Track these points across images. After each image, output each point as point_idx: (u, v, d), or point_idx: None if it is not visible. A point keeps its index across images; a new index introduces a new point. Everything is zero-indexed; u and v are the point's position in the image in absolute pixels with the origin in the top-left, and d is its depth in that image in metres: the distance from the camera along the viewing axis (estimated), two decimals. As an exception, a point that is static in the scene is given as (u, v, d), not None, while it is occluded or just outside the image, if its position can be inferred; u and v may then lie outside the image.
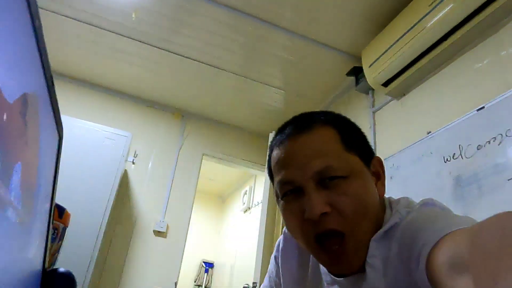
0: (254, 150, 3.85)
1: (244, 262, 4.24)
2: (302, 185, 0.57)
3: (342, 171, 0.56)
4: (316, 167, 0.56)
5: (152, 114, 3.67)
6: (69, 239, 2.20)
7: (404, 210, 0.59)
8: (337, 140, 0.59)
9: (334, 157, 0.57)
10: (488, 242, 0.33)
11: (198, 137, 3.75)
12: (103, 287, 2.96)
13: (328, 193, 0.56)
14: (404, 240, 0.51)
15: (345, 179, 0.56)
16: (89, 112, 3.38)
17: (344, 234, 0.55)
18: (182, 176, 3.53)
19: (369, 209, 0.57)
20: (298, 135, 0.59)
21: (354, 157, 0.59)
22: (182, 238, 3.33)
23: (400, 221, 0.56)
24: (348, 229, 0.55)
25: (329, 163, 0.56)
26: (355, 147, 0.60)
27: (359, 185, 0.57)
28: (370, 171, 0.62)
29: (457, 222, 0.45)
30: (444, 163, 1.91)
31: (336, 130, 0.60)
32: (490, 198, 1.63)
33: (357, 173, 0.58)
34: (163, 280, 3.08)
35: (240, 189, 5.06)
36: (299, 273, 0.72)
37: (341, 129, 0.61)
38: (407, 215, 0.57)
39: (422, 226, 0.49)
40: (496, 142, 1.67)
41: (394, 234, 0.55)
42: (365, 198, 0.57)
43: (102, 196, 2.70)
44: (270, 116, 3.66)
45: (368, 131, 2.65)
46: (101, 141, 2.86)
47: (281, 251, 0.77)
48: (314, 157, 0.57)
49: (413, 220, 0.54)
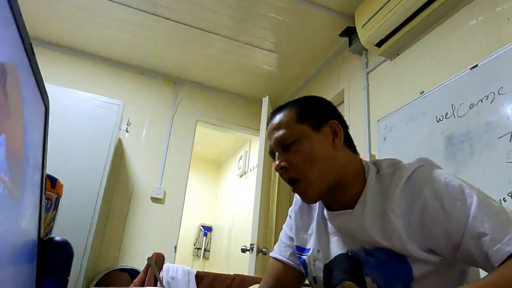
0: (248, 115, 3.84)
1: (241, 225, 4.34)
2: (275, 151, 0.88)
3: (292, 138, 0.85)
4: (276, 138, 0.87)
5: (143, 81, 3.61)
6: (67, 210, 2.23)
7: (391, 167, 0.83)
8: (292, 117, 0.87)
9: (286, 129, 0.86)
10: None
11: (191, 104, 3.72)
12: (104, 255, 3.03)
13: (287, 155, 0.85)
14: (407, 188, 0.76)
15: (296, 143, 0.84)
16: (80, 81, 3.32)
17: (298, 179, 0.83)
18: (176, 143, 3.53)
19: (316, 160, 0.83)
20: (271, 120, 0.91)
21: (304, 126, 0.86)
22: (180, 204, 3.38)
23: (388, 173, 0.82)
24: (301, 175, 0.83)
25: (282, 134, 0.86)
26: (306, 118, 0.87)
27: (306, 145, 0.84)
28: (323, 133, 0.86)
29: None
30: (437, 123, 1.92)
31: (294, 111, 0.88)
32: (481, 156, 1.66)
33: (304, 137, 0.85)
34: (163, 245, 3.16)
35: (235, 154, 5.10)
36: (304, 220, 0.97)
37: (298, 109, 0.89)
38: (397, 169, 0.81)
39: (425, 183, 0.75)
40: (489, 100, 1.68)
41: (385, 181, 0.81)
42: (311, 153, 0.83)
43: (98, 166, 2.71)
44: (263, 80, 3.62)
45: (361, 92, 2.64)
46: (92, 110, 2.83)
47: (291, 211, 1.03)
48: (275, 132, 0.88)
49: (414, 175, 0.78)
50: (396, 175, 0.79)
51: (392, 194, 0.76)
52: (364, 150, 2.45)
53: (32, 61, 0.48)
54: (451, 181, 0.73)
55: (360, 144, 2.54)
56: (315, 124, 0.86)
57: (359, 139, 2.56)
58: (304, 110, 0.88)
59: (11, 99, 0.41)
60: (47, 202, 0.80)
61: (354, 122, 2.68)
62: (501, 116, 1.60)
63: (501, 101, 1.62)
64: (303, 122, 0.86)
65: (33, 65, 0.49)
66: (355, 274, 0.80)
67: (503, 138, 1.57)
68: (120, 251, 3.09)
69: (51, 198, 0.80)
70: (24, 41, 0.46)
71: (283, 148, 0.85)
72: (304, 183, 0.83)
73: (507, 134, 1.56)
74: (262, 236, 2.88)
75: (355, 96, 2.73)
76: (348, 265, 0.82)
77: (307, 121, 0.86)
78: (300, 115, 0.87)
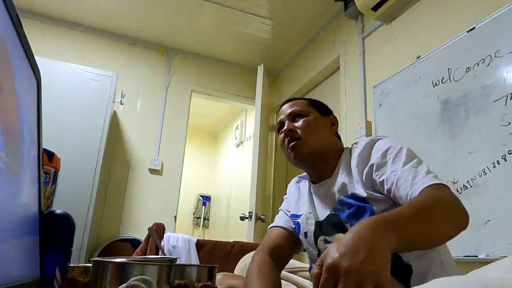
0: (244, 84, 3.80)
1: (239, 194, 4.40)
2: (283, 122, 1.11)
3: (303, 112, 1.09)
4: (289, 112, 1.11)
5: (136, 52, 3.54)
6: (66, 184, 2.24)
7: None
8: (305, 102, 1.13)
9: (299, 107, 1.11)
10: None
11: (185, 74, 3.67)
12: (106, 226, 3.08)
13: (295, 123, 1.08)
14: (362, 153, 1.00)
15: (305, 116, 1.09)
16: (70, 53, 3.25)
17: (300, 137, 1.05)
18: (172, 114, 3.52)
19: (317, 130, 1.07)
20: (285, 104, 1.15)
21: (313, 109, 1.11)
22: (178, 175, 3.40)
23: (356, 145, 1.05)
24: (302, 136, 1.05)
25: (295, 109, 1.11)
26: (315, 106, 1.13)
27: (312, 120, 1.08)
28: (325, 120, 1.12)
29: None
30: (433, 88, 1.91)
31: (306, 101, 1.15)
32: (476, 120, 1.66)
33: (312, 114, 1.09)
34: (163, 215, 3.20)
35: (232, 124, 5.09)
36: (298, 194, 1.18)
37: (310, 100, 1.15)
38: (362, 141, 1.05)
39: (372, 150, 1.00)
40: (485, 63, 1.66)
41: (353, 150, 1.04)
42: (314, 125, 1.07)
43: (94, 139, 2.70)
44: (258, 48, 3.56)
45: (357, 58, 2.61)
46: (86, 83, 2.80)
47: (289, 187, 1.24)
48: (290, 108, 1.12)
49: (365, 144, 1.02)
50: (359, 143, 1.03)
51: (355, 155, 1.01)
52: (360, 117, 2.45)
53: (20, 33, 0.47)
54: (391, 142, 0.98)
55: (356, 110, 2.53)
56: (321, 111, 1.13)
57: (355, 106, 2.55)
58: (313, 102, 1.15)
59: (2, 74, 0.41)
60: (45, 176, 0.80)
61: (350, 88, 2.67)
62: (497, 79, 1.60)
63: (498, 64, 1.61)
64: (312, 107, 1.12)
65: (21, 38, 0.48)
66: (339, 226, 0.99)
67: (498, 101, 1.57)
68: (121, 222, 3.14)
69: (49, 172, 0.80)
70: (10, 12, 0.45)
71: (293, 118, 1.09)
72: (302, 141, 1.05)
73: (502, 98, 1.56)
74: (260, 204, 2.92)
75: (351, 62, 2.70)
76: (334, 221, 1.01)
77: (315, 108, 1.12)
78: (310, 104, 1.14)
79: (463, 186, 1.66)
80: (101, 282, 0.69)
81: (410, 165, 0.88)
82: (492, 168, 1.55)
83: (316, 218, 1.06)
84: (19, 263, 0.41)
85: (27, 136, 0.52)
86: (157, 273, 0.71)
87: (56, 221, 0.58)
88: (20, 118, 0.49)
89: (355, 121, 2.48)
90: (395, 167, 0.90)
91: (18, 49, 0.48)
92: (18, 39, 0.48)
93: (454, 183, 1.69)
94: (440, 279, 0.39)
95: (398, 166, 0.89)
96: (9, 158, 0.40)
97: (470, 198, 1.61)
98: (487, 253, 1.50)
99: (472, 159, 1.64)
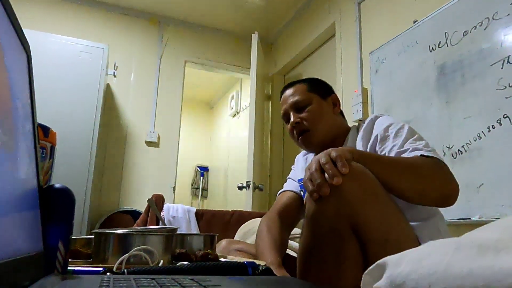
0: (238, 53, 3.74)
1: (236, 164, 4.43)
2: (288, 113, 1.16)
3: (305, 102, 1.14)
4: (291, 103, 1.16)
5: (126, 22, 3.45)
6: (64, 158, 2.23)
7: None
8: (304, 87, 1.17)
9: (300, 96, 1.15)
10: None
11: (178, 44, 3.59)
12: (105, 199, 3.11)
13: (300, 114, 1.13)
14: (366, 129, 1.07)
15: (308, 105, 1.13)
16: (59, 25, 3.16)
17: (309, 129, 1.12)
18: (166, 85, 3.47)
19: (323, 118, 1.13)
20: (286, 91, 1.20)
21: (314, 94, 1.16)
22: (175, 146, 3.41)
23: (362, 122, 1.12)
24: (311, 127, 1.12)
25: (297, 99, 1.15)
26: (316, 90, 1.17)
27: (315, 107, 1.13)
28: (327, 101, 1.17)
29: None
30: (429, 53, 1.89)
31: (305, 84, 1.18)
32: (473, 85, 1.66)
33: (315, 102, 1.14)
34: (162, 186, 3.23)
35: (227, 94, 5.05)
36: (304, 163, 1.28)
37: (309, 84, 1.18)
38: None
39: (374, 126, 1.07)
40: (483, 26, 1.64)
41: (359, 127, 1.11)
42: (320, 112, 1.13)
43: (89, 112, 2.68)
44: (252, 15, 3.47)
45: (353, 24, 2.56)
46: (77, 55, 2.74)
47: (297, 158, 1.34)
48: (290, 98, 1.16)
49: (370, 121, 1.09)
50: (365, 121, 1.09)
51: (361, 131, 1.06)
52: (356, 84, 2.43)
53: (5, 4, 0.45)
54: (393, 119, 1.04)
55: (352, 78, 2.51)
56: (322, 95, 1.16)
57: (351, 73, 2.53)
58: (313, 85, 1.17)
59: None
60: (42, 151, 0.80)
61: (345, 55, 2.63)
62: (494, 42, 1.58)
63: (495, 26, 1.58)
64: (313, 92, 1.15)
65: (7, 9, 0.46)
66: None
67: (495, 65, 1.56)
68: (120, 195, 3.17)
69: (45, 147, 0.80)
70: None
71: (297, 110, 1.13)
72: (311, 133, 1.11)
73: (499, 61, 1.55)
74: (258, 173, 2.95)
75: (347, 28, 2.65)
76: None
77: (316, 92, 1.16)
78: (310, 87, 1.16)
79: (458, 151, 1.68)
80: (104, 253, 0.70)
81: (410, 140, 0.94)
82: (487, 133, 1.56)
83: None
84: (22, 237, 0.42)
85: (21, 111, 0.52)
86: (159, 242, 0.72)
87: (56, 195, 0.58)
88: (12, 93, 0.48)
89: (351, 89, 2.47)
90: (396, 141, 0.95)
91: (4, 22, 0.47)
92: (4, 11, 0.46)
93: (450, 148, 1.71)
94: (434, 241, 0.41)
95: (399, 141, 0.95)
96: (4, 133, 0.40)
97: (465, 162, 1.63)
98: (480, 216, 1.54)
99: (468, 124, 1.65)
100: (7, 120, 0.44)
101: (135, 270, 0.59)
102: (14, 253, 0.38)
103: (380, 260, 0.42)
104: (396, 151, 0.93)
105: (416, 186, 0.84)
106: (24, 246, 0.43)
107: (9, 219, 0.38)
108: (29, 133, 0.58)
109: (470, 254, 0.34)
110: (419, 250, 0.40)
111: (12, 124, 0.46)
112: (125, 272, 0.59)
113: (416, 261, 0.37)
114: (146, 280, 0.46)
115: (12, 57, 0.50)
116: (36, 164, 0.59)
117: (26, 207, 0.47)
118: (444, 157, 1.72)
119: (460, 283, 0.32)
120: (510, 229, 0.36)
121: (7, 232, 0.37)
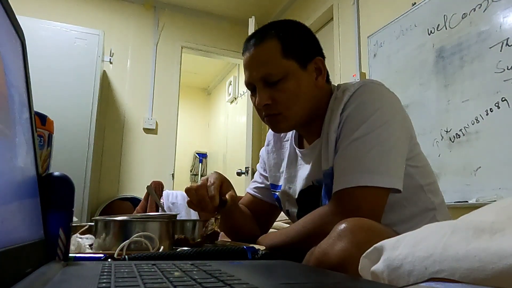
0: (235, 39, 3.70)
1: (235, 150, 4.44)
2: (255, 85, 0.84)
3: (278, 76, 0.81)
4: (260, 73, 0.82)
5: (121, 8, 3.40)
6: (62, 146, 2.23)
7: (341, 92, 0.84)
8: (278, 50, 0.82)
9: (273, 65, 0.81)
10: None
11: (174, 29, 3.55)
12: (105, 186, 3.12)
13: (271, 91, 0.82)
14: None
15: (282, 80, 0.81)
16: (54, 11, 3.12)
17: (280, 113, 0.83)
18: (163, 72, 3.45)
19: (300, 98, 0.82)
20: (252, 49, 0.84)
21: (291, 62, 0.82)
22: (173, 133, 3.40)
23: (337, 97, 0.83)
24: (283, 111, 0.83)
25: (268, 71, 0.81)
26: (293, 54, 0.82)
27: (292, 83, 0.82)
28: (308, 70, 0.84)
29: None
30: (428, 36, 1.88)
31: (280, 42, 0.82)
32: (471, 68, 1.65)
33: (291, 74, 0.82)
34: (160, 173, 3.24)
35: (225, 80, 5.02)
36: (276, 159, 1.00)
37: (284, 40, 0.83)
38: (344, 91, 0.83)
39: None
40: (482, 8, 1.62)
41: (333, 107, 0.83)
42: (297, 92, 0.82)
43: (85, 99, 2.67)
44: (249, 0, 3.43)
45: (351, 7, 2.53)
46: (72, 42, 2.71)
47: (262, 152, 1.07)
48: (259, 66, 0.83)
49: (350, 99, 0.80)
50: (338, 100, 0.82)
51: (335, 117, 0.81)
52: (354, 68, 2.42)
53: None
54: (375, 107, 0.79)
55: (350, 62, 2.50)
56: (302, 60, 0.83)
57: (349, 57, 2.51)
58: (291, 42, 0.83)
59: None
60: (39, 139, 0.80)
61: (343, 39, 2.61)
62: (493, 25, 1.57)
63: (494, 8, 1.57)
64: (290, 57, 0.82)
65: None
66: (317, 205, 0.85)
67: (493, 48, 1.55)
68: (120, 182, 3.18)
69: (43, 135, 0.80)
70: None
71: (267, 84, 0.82)
72: (282, 117, 0.83)
73: (498, 44, 1.54)
74: (256, 159, 2.95)
75: (345, 12, 2.62)
76: (312, 198, 0.88)
77: (294, 57, 0.82)
78: (286, 49, 0.82)
79: (456, 134, 1.68)
80: (105, 239, 0.71)
81: (372, 154, 0.74)
82: (485, 116, 1.56)
83: (294, 194, 0.92)
84: (23, 225, 0.42)
85: (17, 99, 0.51)
86: (159, 229, 0.73)
87: (55, 182, 0.58)
88: (7, 81, 0.48)
89: (349, 73, 2.46)
90: (349, 150, 0.76)
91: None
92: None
93: (447, 131, 1.71)
94: (430, 224, 0.41)
95: (350, 150, 0.76)
96: (1, 123, 0.40)
97: (462, 146, 1.64)
98: (477, 198, 1.55)
99: (466, 107, 1.65)
100: (4, 108, 0.44)
101: (136, 256, 0.60)
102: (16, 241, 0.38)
103: (377, 243, 0.42)
104: (337, 163, 0.78)
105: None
106: (25, 234, 0.43)
107: (9, 207, 0.38)
108: (26, 121, 0.58)
109: (466, 236, 0.34)
110: (415, 234, 0.40)
111: (9, 112, 0.46)
112: (126, 258, 0.59)
113: (412, 244, 0.38)
114: (147, 266, 0.46)
115: (6, 44, 0.49)
116: (34, 152, 0.59)
117: (25, 195, 0.47)
118: (442, 140, 1.72)
119: (456, 265, 0.33)
120: (505, 211, 0.36)
121: (8, 220, 0.37)
